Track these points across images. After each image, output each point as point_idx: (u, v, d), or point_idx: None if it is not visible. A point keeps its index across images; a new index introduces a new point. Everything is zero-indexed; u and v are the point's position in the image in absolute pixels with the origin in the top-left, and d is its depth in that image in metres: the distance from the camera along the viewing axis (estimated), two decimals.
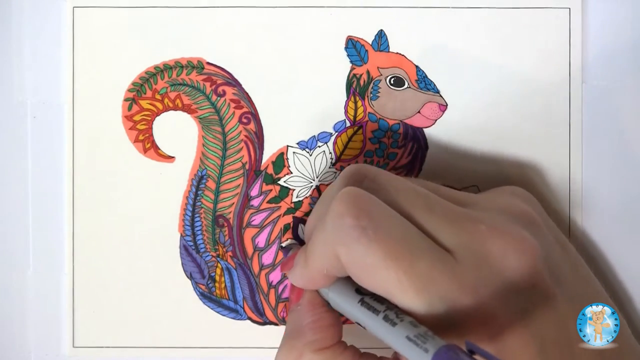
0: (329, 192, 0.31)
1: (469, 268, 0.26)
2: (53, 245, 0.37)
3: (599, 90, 0.36)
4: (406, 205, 0.28)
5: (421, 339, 0.25)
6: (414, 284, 0.26)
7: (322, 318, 0.30)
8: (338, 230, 0.27)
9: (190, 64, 0.37)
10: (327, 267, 0.28)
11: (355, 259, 0.26)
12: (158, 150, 0.37)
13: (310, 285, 0.30)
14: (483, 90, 0.36)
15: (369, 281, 0.27)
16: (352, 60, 0.36)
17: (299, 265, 0.30)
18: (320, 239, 0.28)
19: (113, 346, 0.37)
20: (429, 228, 0.27)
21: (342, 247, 0.27)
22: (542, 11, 0.36)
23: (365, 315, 0.28)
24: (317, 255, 0.28)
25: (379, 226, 0.26)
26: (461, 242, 0.27)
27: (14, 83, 0.37)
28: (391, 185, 0.29)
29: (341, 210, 0.27)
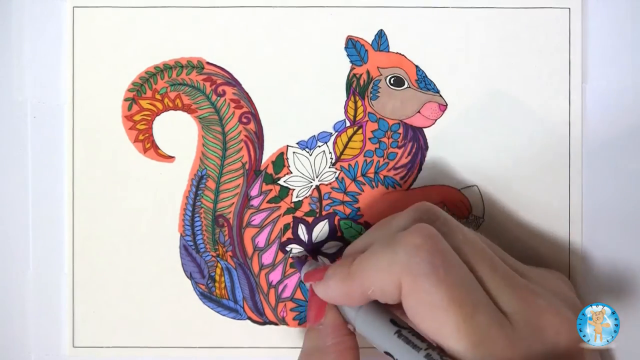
0: (393, 221, 0.31)
1: (523, 335, 0.27)
2: (53, 245, 0.37)
3: (599, 90, 0.36)
4: (472, 258, 0.29)
5: None
6: (471, 336, 0.26)
7: (344, 341, 0.31)
8: (410, 260, 0.27)
9: (190, 64, 0.37)
10: (376, 289, 0.28)
11: (419, 293, 0.27)
12: (158, 150, 0.37)
13: (342, 299, 0.30)
14: (483, 90, 0.36)
15: (423, 318, 0.27)
16: (352, 60, 0.36)
17: (337, 278, 0.30)
18: (383, 261, 0.28)
19: (113, 346, 0.37)
20: (489, 287, 0.28)
21: (409, 277, 0.27)
22: (542, 11, 0.36)
23: (403, 349, 0.28)
24: (371, 274, 0.29)
25: (450, 270, 0.27)
26: (519, 310, 0.28)
27: (14, 83, 0.37)
28: (461, 233, 0.30)
29: (418, 242, 0.27)
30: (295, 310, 0.37)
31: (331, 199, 0.37)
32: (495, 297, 0.28)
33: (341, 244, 0.37)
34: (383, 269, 0.28)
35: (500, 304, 0.28)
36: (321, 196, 0.37)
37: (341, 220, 0.37)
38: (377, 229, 0.32)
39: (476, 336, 0.26)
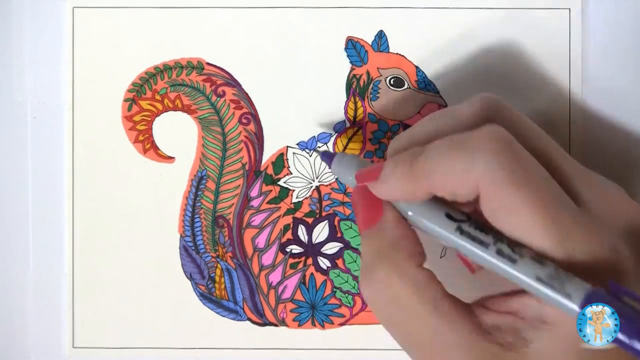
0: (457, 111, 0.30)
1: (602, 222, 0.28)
2: (53, 245, 0.37)
3: (599, 90, 0.36)
4: (549, 150, 0.29)
5: (557, 282, 0.25)
6: (559, 232, 0.26)
7: (412, 234, 0.30)
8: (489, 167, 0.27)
9: (190, 64, 0.37)
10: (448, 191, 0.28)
11: (500, 198, 0.27)
12: (158, 151, 0.37)
13: (406, 197, 0.29)
14: (483, 91, 0.36)
15: (506, 221, 0.27)
16: (352, 60, 0.36)
17: (397, 176, 0.29)
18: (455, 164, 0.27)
19: (113, 346, 0.37)
20: (564, 175, 0.29)
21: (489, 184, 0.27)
22: (542, 12, 0.36)
23: (470, 246, 0.28)
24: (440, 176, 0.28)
25: (529, 173, 0.27)
26: (594, 198, 0.28)
27: (14, 83, 0.37)
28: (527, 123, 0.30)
29: (495, 147, 0.27)
30: (295, 311, 0.37)
31: (331, 199, 0.37)
32: (570, 186, 0.28)
33: (341, 244, 0.37)
34: (458, 173, 0.27)
35: (576, 192, 0.28)
36: (321, 197, 0.37)
37: (341, 221, 0.37)
38: (437, 119, 0.31)
39: (563, 232, 0.26)
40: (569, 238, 0.26)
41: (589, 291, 0.24)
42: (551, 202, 0.27)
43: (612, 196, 0.29)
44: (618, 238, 0.27)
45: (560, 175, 0.29)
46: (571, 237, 0.26)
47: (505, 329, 0.28)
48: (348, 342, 0.35)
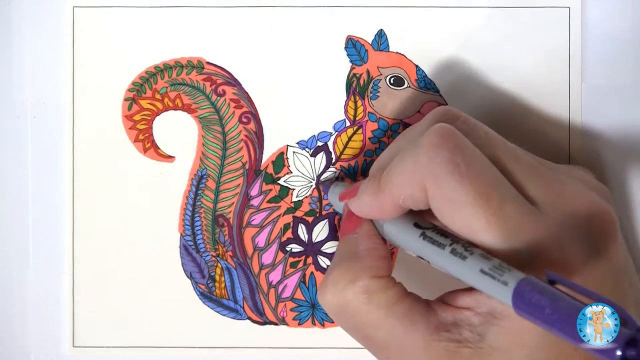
0: (415, 128, 0.31)
1: (555, 222, 0.27)
2: (53, 245, 0.37)
3: (598, 89, 0.36)
4: (496, 151, 0.29)
5: (497, 272, 0.25)
6: (501, 227, 0.26)
7: (378, 248, 0.30)
8: (431, 161, 0.27)
9: (190, 63, 0.37)
10: (405, 197, 0.28)
11: (444, 192, 0.27)
12: (158, 150, 0.37)
13: (376, 213, 0.30)
14: (483, 90, 0.36)
15: (452, 217, 0.27)
16: (352, 59, 0.36)
17: (368, 192, 0.30)
18: (406, 167, 0.28)
19: (113, 346, 0.37)
20: (515, 178, 0.28)
21: (432, 178, 0.27)
22: (542, 10, 0.36)
23: (429, 249, 0.28)
24: (398, 183, 0.28)
25: (472, 165, 0.27)
26: (548, 198, 0.28)
27: (14, 83, 0.37)
28: (482, 130, 0.30)
29: (437, 142, 0.27)
30: (295, 310, 0.37)
31: None
32: (522, 188, 0.28)
33: None
34: (407, 174, 0.28)
35: (528, 193, 0.28)
36: (321, 196, 0.37)
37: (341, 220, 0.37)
38: (399, 139, 0.32)
39: (507, 226, 0.26)
40: (514, 233, 0.26)
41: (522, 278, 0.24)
42: (495, 195, 0.27)
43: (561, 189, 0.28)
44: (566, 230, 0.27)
45: (510, 176, 0.28)
46: (518, 232, 0.26)
47: (462, 324, 0.28)
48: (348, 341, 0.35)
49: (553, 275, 0.24)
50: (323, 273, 0.37)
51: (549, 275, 0.24)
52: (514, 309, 0.24)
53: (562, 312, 0.23)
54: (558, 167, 0.32)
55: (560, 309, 0.23)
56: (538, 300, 0.23)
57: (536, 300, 0.23)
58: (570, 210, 0.28)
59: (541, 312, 0.23)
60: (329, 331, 0.37)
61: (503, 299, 0.25)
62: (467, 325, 0.28)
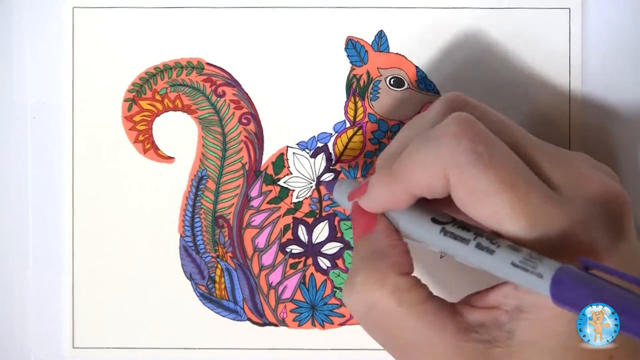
0: (425, 117, 0.31)
1: (576, 207, 0.27)
2: (53, 245, 0.37)
3: (598, 90, 0.36)
4: (514, 137, 0.29)
5: (529, 264, 0.25)
6: (528, 215, 0.26)
7: (399, 244, 0.30)
8: (452, 150, 0.27)
9: (190, 64, 0.37)
10: (424, 186, 0.28)
11: (467, 182, 0.26)
12: (158, 151, 0.37)
13: (390, 204, 0.29)
14: (483, 90, 0.36)
15: (476, 207, 0.27)
16: (352, 60, 0.36)
17: (380, 184, 0.29)
18: (424, 156, 0.27)
19: (113, 346, 0.37)
20: (534, 162, 0.28)
21: (455, 169, 0.26)
22: (542, 11, 0.36)
23: (453, 245, 0.27)
24: (414, 172, 0.28)
25: (494, 154, 0.27)
26: (566, 181, 0.28)
27: (13, 83, 0.37)
28: (493, 114, 0.30)
29: (457, 131, 0.27)
30: (295, 311, 0.37)
31: (331, 199, 0.37)
32: (541, 172, 0.28)
33: (341, 244, 0.37)
34: (427, 164, 0.27)
35: (547, 177, 0.28)
36: (321, 197, 0.37)
37: (341, 221, 0.37)
38: (408, 129, 0.31)
39: (533, 213, 0.26)
40: (540, 219, 0.26)
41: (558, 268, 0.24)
42: (519, 182, 0.26)
43: (579, 173, 0.28)
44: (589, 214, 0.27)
45: (530, 161, 0.28)
46: (542, 218, 0.26)
47: (490, 324, 0.28)
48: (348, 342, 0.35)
49: (588, 262, 0.24)
50: (323, 274, 0.37)
51: (584, 262, 0.24)
52: (553, 300, 0.24)
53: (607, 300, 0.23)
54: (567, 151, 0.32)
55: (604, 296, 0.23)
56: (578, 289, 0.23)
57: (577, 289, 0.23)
58: (588, 192, 0.28)
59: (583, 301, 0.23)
60: (329, 332, 0.37)
61: (540, 291, 0.24)
62: (495, 325, 0.27)
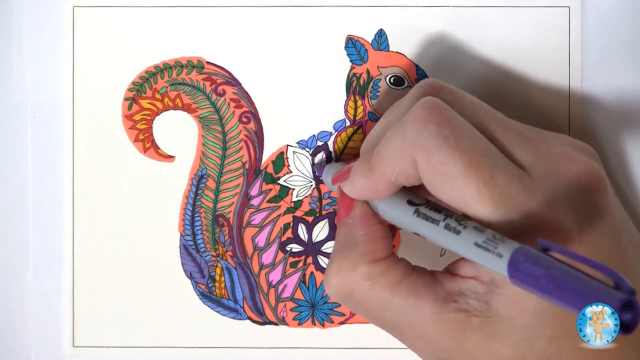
0: (401, 103, 0.31)
1: (545, 186, 0.27)
2: (53, 245, 0.37)
3: (598, 88, 0.36)
4: (483, 120, 0.29)
5: (491, 244, 0.25)
6: (493, 196, 0.26)
7: (374, 230, 0.30)
8: (419, 135, 0.27)
9: (190, 63, 0.37)
10: (397, 174, 0.28)
11: (434, 165, 0.27)
12: (158, 150, 0.37)
13: (369, 194, 0.30)
14: (483, 89, 0.36)
15: (443, 189, 0.27)
16: (352, 59, 0.36)
17: (360, 173, 0.30)
18: (396, 144, 0.28)
19: (113, 346, 0.37)
20: (503, 144, 0.28)
21: (422, 153, 0.27)
22: (542, 10, 0.36)
23: (424, 226, 0.28)
24: (388, 161, 0.28)
25: (461, 136, 0.27)
26: (536, 161, 0.28)
27: (13, 83, 0.37)
28: (467, 99, 0.30)
29: (424, 116, 0.27)
30: (295, 310, 0.37)
31: (331, 198, 0.37)
32: (510, 153, 0.28)
33: None
34: (397, 151, 0.28)
35: (516, 158, 0.28)
36: (321, 196, 0.37)
37: None
38: (387, 116, 0.32)
39: (498, 195, 0.26)
40: (506, 201, 0.26)
41: (515, 249, 0.24)
42: (485, 164, 0.26)
43: (550, 152, 0.28)
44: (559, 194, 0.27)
45: (500, 143, 0.28)
46: (509, 199, 0.26)
47: (468, 293, 0.28)
48: (348, 341, 0.35)
49: (545, 243, 0.24)
50: (323, 273, 0.37)
51: (541, 243, 0.24)
52: (511, 279, 0.24)
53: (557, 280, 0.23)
54: (545, 132, 0.32)
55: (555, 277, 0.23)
56: (533, 270, 0.23)
57: (531, 270, 0.23)
58: (559, 172, 0.28)
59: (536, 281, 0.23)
60: (329, 331, 0.37)
61: (500, 270, 0.25)
62: (473, 294, 0.28)
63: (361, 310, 0.30)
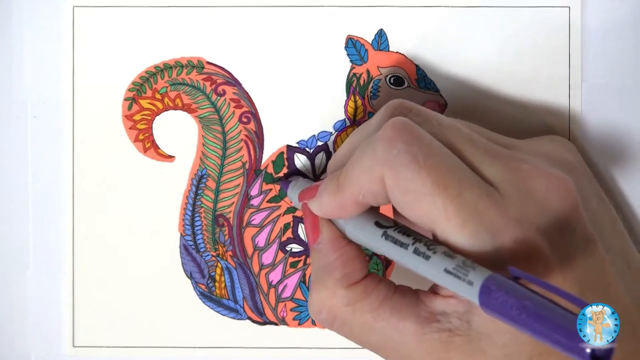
0: (369, 124, 0.31)
1: (513, 202, 0.27)
2: (53, 245, 0.37)
3: (598, 89, 0.36)
4: (450, 138, 0.29)
5: (462, 271, 0.25)
6: (460, 214, 0.26)
7: (346, 252, 0.30)
8: (387, 154, 0.27)
9: (190, 63, 0.37)
10: (365, 192, 0.28)
11: (402, 183, 0.27)
12: (158, 150, 0.37)
13: (337, 212, 0.30)
14: (483, 90, 0.36)
15: (411, 208, 0.27)
16: (352, 59, 0.36)
17: (328, 191, 0.30)
18: (364, 162, 0.28)
19: (113, 346, 0.37)
20: (473, 161, 0.28)
21: (390, 171, 0.27)
22: (542, 10, 0.36)
23: (392, 249, 0.28)
24: (357, 179, 0.28)
25: (429, 154, 0.27)
26: (505, 178, 0.28)
27: (13, 83, 0.37)
28: (435, 119, 0.30)
29: (393, 135, 0.27)
30: (296, 310, 0.37)
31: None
32: (480, 171, 0.28)
33: None
34: (366, 169, 0.28)
35: (486, 175, 0.28)
36: None
37: None
38: (355, 135, 0.32)
39: (466, 212, 0.26)
40: (473, 218, 0.26)
41: (486, 278, 0.24)
42: (453, 182, 0.26)
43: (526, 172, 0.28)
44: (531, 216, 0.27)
45: (469, 161, 0.28)
46: (477, 216, 0.26)
47: (451, 312, 0.28)
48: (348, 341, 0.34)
49: (516, 272, 0.24)
50: None
51: (513, 272, 0.24)
52: (482, 308, 0.24)
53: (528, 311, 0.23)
54: (524, 143, 0.32)
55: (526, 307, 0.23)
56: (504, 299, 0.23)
57: (502, 299, 0.23)
58: (527, 188, 0.28)
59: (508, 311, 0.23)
60: (329, 331, 0.37)
61: (471, 298, 0.25)
62: (454, 313, 0.28)
63: (346, 334, 0.30)
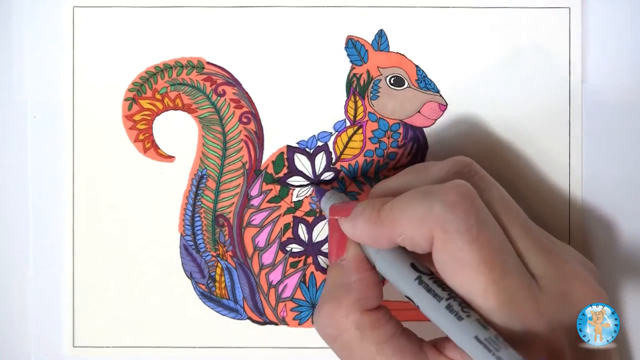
0: (431, 169, 0.31)
1: (551, 299, 0.27)
2: (53, 245, 0.37)
3: (598, 89, 0.36)
4: (505, 217, 0.29)
5: (493, 345, 0.25)
6: (498, 298, 0.26)
7: (368, 277, 0.30)
8: (445, 216, 0.27)
9: (190, 63, 0.37)
10: (406, 237, 0.28)
11: (451, 249, 0.27)
12: (158, 150, 0.37)
13: (369, 241, 0.30)
14: (483, 90, 0.36)
15: (454, 274, 0.27)
16: (352, 59, 0.36)
17: (365, 218, 0.30)
18: (416, 212, 0.28)
19: (113, 346, 0.37)
20: (520, 248, 0.29)
21: (442, 234, 0.27)
22: (542, 11, 0.36)
23: (424, 297, 0.28)
24: (402, 222, 0.28)
25: (483, 230, 0.27)
26: (547, 274, 0.28)
27: (13, 83, 0.37)
28: (497, 191, 0.30)
29: (455, 199, 0.27)
30: (296, 310, 0.37)
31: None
32: (525, 259, 0.28)
33: None
34: (416, 219, 0.28)
35: (529, 266, 0.28)
36: None
37: None
38: (412, 173, 0.32)
39: (504, 298, 0.26)
40: (510, 305, 0.26)
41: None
42: (499, 265, 0.27)
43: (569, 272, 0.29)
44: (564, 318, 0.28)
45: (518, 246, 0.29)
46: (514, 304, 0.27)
47: None
48: None
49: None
50: (323, 273, 0.37)
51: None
52: None
53: None
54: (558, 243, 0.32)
55: None
56: None
57: None
58: (566, 289, 0.28)
59: None
60: None
61: None
62: None
63: (343, 355, 0.30)
